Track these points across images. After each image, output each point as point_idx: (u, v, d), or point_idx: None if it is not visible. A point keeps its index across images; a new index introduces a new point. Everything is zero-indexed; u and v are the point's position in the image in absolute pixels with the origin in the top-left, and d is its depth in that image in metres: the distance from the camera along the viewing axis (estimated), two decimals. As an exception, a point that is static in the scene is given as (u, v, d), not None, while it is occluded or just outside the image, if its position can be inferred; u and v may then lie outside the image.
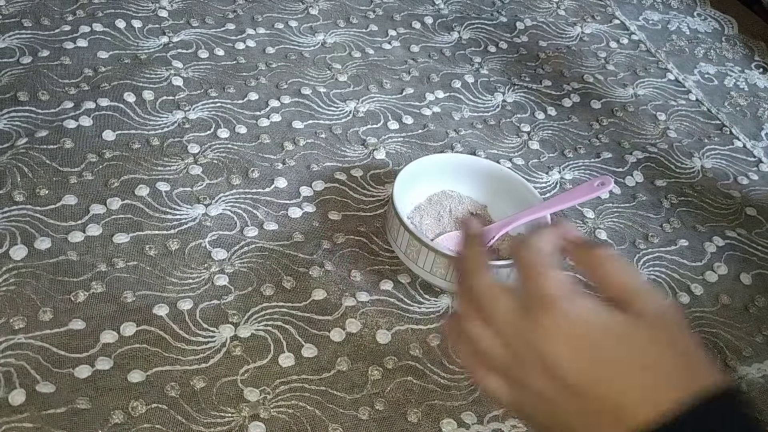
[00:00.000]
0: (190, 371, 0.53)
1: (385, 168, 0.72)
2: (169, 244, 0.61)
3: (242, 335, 0.56)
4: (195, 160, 0.68)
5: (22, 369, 0.51)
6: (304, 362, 0.55)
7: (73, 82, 0.72)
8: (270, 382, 0.53)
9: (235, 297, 0.58)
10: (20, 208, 0.60)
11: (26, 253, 0.57)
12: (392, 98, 0.79)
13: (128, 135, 0.68)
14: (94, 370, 0.52)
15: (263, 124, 0.73)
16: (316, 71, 0.80)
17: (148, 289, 0.57)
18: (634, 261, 0.68)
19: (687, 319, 0.33)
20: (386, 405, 0.54)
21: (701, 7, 1.06)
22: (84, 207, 0.62)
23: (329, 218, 0.66)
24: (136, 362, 0.53)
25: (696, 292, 0.67)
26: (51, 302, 0.55)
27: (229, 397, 0.52)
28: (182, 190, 0.65)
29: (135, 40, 0.78)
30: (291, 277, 0.60)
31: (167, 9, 0.83)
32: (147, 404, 0.51)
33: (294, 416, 0.52)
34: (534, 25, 0.95)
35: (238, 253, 0.61)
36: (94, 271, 0.58)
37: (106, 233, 0.60)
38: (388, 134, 0.75)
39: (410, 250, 0.59)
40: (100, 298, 0.56)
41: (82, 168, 0.65)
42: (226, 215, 0.64)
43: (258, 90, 0.76)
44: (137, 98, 0.72)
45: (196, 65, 0.77)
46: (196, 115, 0.72)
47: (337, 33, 0.86)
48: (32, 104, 0.69)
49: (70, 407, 0.50)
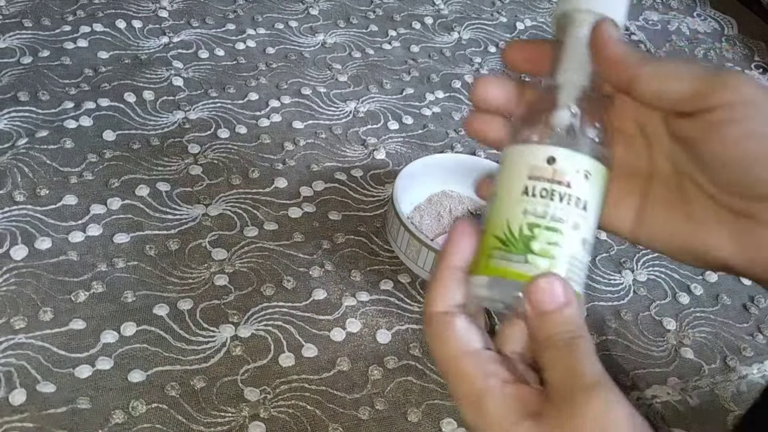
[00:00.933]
0: (191, 371, 0.53)
1: (385, 168, 0.72)
2: (169, 244, 0.61)
3: (242, 335, 0.56)
4: (195, 160, 0.68)
5: (23, 369, 0.51)
6: (305, 362, 0.55)
7: (74, 82, 0.72)
8: (270, 382, 0.53)
9: (236, 297, 0.58)
10: (21, 208, 0.60)
11: (27, 253, 0.58)
12: (392, 98, 0.79)
13: (128, 135, 0.68)
14: (94, 369, 0.52)
15: (263, 124, 0.73)
16: (317, 71, 0.80)
17: (148, 289, 0.57)
18: (633, 261, 0.68)
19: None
20: (386, 405, 0.54)
21: (701, 7, 1.06)
22: (84, 207, 0.62)
23: (329, 218, 0.66)
24: (136, 362, 0.53)
25: (696, 292, 0.67)
26: (51, 302, 0.55)
27: (229, 397, 0.52)
28: (182, 190, 0.65)
29: (135, 41, 0.78)
30: (291, 277, 0.60)
31: (167, 9, 0.83)
32: (147, 404, 0.51)
33: (294, 416, 0.52)
34: (534, 26, 0.95)
35: (238, 253, 0.61)
36: (95, 271, 0.58)
37: (106, 233, 0.60)
38: (388, 134, 0.75)
39: (410, 250, 0.59)
40: (100, 298, 0.56)
41: (83, 168, 0.65)
42: (226, 215, 0.64)
43: (258, 90, 0.76)
44: (137, 98, 0.72)
45: (197, 65, 0.77)
46: (197, 115, 0.72)
47: (337, 33, 0.86)
48: (33, 104, 0.69)
49: (70, 407, 0.50)
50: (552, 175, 0.31)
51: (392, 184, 0.61)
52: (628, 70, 0.31)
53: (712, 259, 0.33)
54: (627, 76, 0.31)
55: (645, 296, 0.65)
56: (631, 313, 0.63)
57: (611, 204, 0.34)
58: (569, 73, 0.33)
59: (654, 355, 0.61)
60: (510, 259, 0.31)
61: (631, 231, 0.35)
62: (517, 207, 0.31)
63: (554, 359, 0.30)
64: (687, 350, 0.62)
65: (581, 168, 0.32)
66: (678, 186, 0.34)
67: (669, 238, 0.34)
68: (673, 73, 0.30)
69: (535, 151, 0.32)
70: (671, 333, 0.63)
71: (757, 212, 0.31)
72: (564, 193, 0.31)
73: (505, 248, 0.31)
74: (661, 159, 0.34)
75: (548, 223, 0.31)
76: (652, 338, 0.62)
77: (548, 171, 0.31)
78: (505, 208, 0.32)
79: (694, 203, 0.33)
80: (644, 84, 0.31)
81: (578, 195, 0.31)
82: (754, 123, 0.29)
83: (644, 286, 0.66)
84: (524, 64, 0.35)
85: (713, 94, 0.29)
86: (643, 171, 0.35)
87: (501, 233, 0.31)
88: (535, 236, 0.31)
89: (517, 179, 0.32)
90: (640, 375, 0.59)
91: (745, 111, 0.29)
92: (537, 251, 0.31)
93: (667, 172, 0.34)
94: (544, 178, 0.31)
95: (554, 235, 0.31)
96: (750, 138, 0.29)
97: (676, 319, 0.64)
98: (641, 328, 0.63)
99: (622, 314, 0.63)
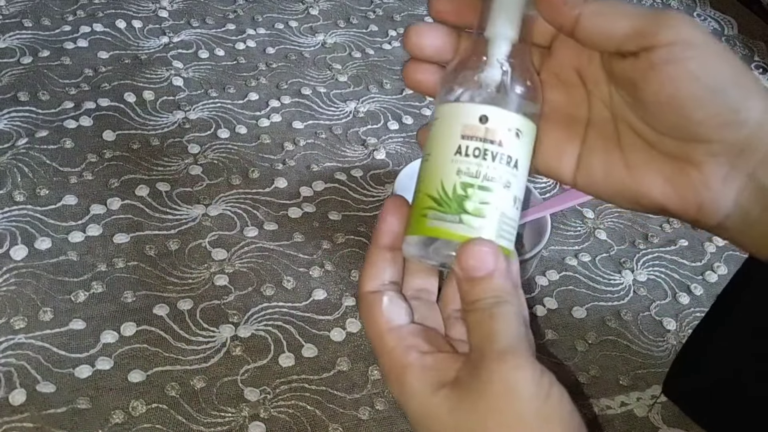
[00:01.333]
0: (191, 371, 0.53)
1: (385, 168, 0.72)
2: (169, 244, 0.61)
3: (242, 335, 0.56)
4: (195, 160, 0.68)
5: (23, 369, 0.51)
6: (305, 362, 0.55)
7: (74, 82, 0.72)
8: (270, 382, 0.53)
9: (235, 297, 0.58)
10: (20, 208, 0.60)
11: (26, 253, 0.58)
12: (392, 98, 0.79)
13: (128, 135, 0.68)
14: (94, 370, 0.52)
15: (263, 124, 0.73)
16: (317, 71, 0.80)
17: (148, 289, 0.57)
18: (633, 261, 0.68)
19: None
20: (387, 405, 0.54)
21: (701, 7, 1.06)
22: (84, 207, 0.62)
23: (329, 218, 0.66)
24: (136, 362, 0.53)
25: (696, 293, 0.67)
26: (51, 302, 0.55)
27: (229, 397, 0.52)
28: (182, 190, 0.65)
29: (135, 41, 0.78)
30: (291, 277, 0.60)
31: (167, 9, 0.83)
32: (147, 404, 0.51)
33: (294, 416, 0.52)
34: (534, 26, 0.95)
35: (238, 253, 0.61)
36: (95, 271, 0.58)
37: (106, 233, 0.60)
38: (388, 134, 0.75)
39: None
40: (100, 298, 0.56)
41: (83, 168, 0.65)
42: (226, 215, 0.64)
43: (258, 90, 0.76)
44: (137, 98, 0.72)
45: (197, 65, 0.77)
46: (197, 116, 0.72)
47: (337, 33, 0.86)
48: (32, 104, 0.69)
49: (70, 407, 0.50)
50: (484, 134, 0.32)
51: (392, 185, 0.61)
52: (573, 10, 0.31)
53: (648, 202, 0.34)
54: (571, 16, 0.31)
55: (645, 296, 0.65)
56: (631, 313, 0.63)
57: (553, 151, 0.35)
58: (498, 26, 0.33)
59: (654, 355, 0.61)
60: (444, 219, 0.32)
61: (572, 177, 0.36)
62: (450, 166, 0.32)
63: (475, 323, 0.31)
64: (687, 350, 0.62)
65: (512, 126, 0.32)
66: (614, 132, 0.34)
67: (606, 183, 0.35)
68: (616, 11, 0.31)
69: (467, 110, 0.32)
70: (671, 333, 0.63)
71: (690, 153, 0.32)
72: (496, 152, 0.32)
73: (440, 208, 0.32)
74: (600, 106, 0.35)
75: (481, 182, 0.32)
76: (652, 338, 0.62)
77: (481, 130, 0.32)
78: (439, 168, 0.32)
79: (629, 148, 0.34)
80: (587, 21, 0.31)
81: (509, 153, 0.32)
82: (692, 63, 0.30)
83: (644, 286, 0.66)
84: (452, 16, 0.35)
85: (656, 33, 0.30)
86: (582, 118, 0.35)
87: (435, 193, 0.32)
88: (469, 196, 0.32)
89: (450, 138, 0.32)
90: (641, 375, 0.59)
91: (685, 51, 0.30)
92: (470, 211, 0.32)
93: (605, 118, 0.35)
94: (477, 137, 0.32)
95: (487, 195, 0.32)
96: (686, 79, 0.30)
97: (676, 319, 0.64)
98: (641, 328, 0.63)
99: (622, 314, 0.63)
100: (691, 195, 0.32)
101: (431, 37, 0.35)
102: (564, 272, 0.66)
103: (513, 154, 0.32)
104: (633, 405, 0.57)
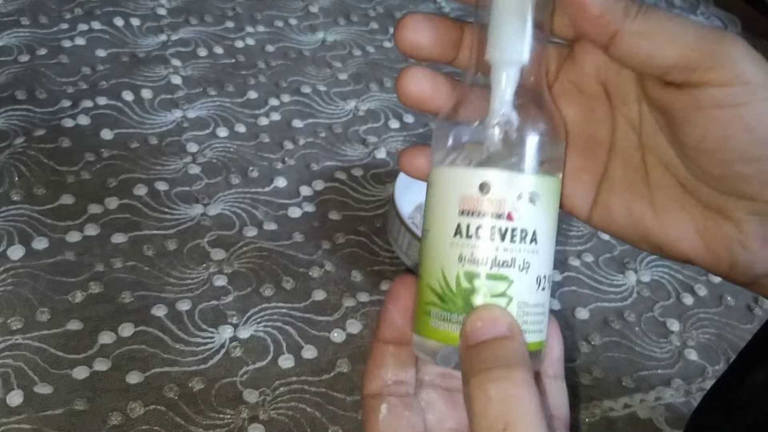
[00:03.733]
0: (189, 372, 0.53)
1: (386, 167, 0.71)
2: (167, 244, 0.60)
3: (241, 336, 0.55)
4: (194, 159, 0.67)
5: (20, 370, 0.50)
6: (304, 363, 0.55)
7: (71, 80, 0.72)
8: (269, 384, 0.53)
9: (234, 297, 0.58)
10: (17, 207, 0.60)
11: (23, 253, 0.57)
12: (393, 97, 0.78)
13: (126, 134, 0.68)
14: (92, 371, 0.51)
15: (262, 122, 0.72)
16: (316, 69, 0.80)
17: (146, 290, 0.57)
18: (636, 261, 0.67)
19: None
20: (387, 407, 0.53)
21: (704, 5, 1.05)
22: (82, 206, 0.61)
23: (329, 218, 0.65)
24: (134, 363, 0.52)
25: (700, 293, 0.66)
26: (48, 302, 0.55)
27: (228, 399, 0.52)
28: (181, 190, 0.64)
29: (133, 39, 0.78)
30: (291, 278, 0.60)
31: (166, 7, 0.82)
32: (145, 406, 0.50)
33: (294, 418, 0.51)
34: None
35: (237, 253, 0.61)
36: (92, 271, 0.57)
37: (103, 233, 0.60)
38: (389, 133, 0.74)
39: (411, 251, 0.58)
40: (97, 299, 0.56)
41: (80, 167, 0.64)
42: (225, 215, 0.63)
43: (257, 88, 0.75)
44: (135, 97, 0.71)
45: (195, 63, 0.76)
46: (195, 114, 0.71)
47: (337, 31, 0.85)
48: (30, 103, 0.68)
49: (67, 408, 0.49)
50: (487, 208, 0.25)
51: (393, 184, 0.61)
52: (610, 24, 0.25)
53: (673, 252, 0.29)
54: (608, 32, 0.25)
55: (648, 297, 0.65)
56: (634, 314, 0.63)
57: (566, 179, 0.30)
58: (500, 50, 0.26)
59: (657, 357, 0.60)
60: (449, 319, 0.26)
61: (587, 214, 0.31)
62: (450, 252, 0.26)
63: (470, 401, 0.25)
64: (691, 351, 0.61)
65: (525, 191, 0.25)
66: (641, 163, 0.29)
67: (627, 224, 0.30)
68: (664, 34, 0.25)
69: (464, 177, 0.25)
70: (675, 334, 0.62)
71: (729, 208, 0.27)
72: (505, 229, 0.25)
73: (443, 305, 0.26)
74: (626, 128, 0.29)
75: (489, 270, 0.25)
76: (656, 339, 0.62)
77: (482, 202, 0.25)
78: (438, 252, 0.26)
79: (658, 187, 0.29)
80: (626, 43, 0.25)
81: (523, 227, 0.25)
82: (746, 111, 0.25)
83: (647, 287, 0.65)
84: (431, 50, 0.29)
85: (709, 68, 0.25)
86: (604, 141, 0.30)
87: (437, 285, 0.26)
88: (476, 289, 0.25)
89: (447, 214, 0.26)
90: (644, 376, 0.59)
91: (740, 96, 0.25)
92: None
93: (631, 144, 0.29)
94: (478, 212, 0.25)
95: (499, 284, 0.25)
96: (738, 128, 0.25)
97: (679, 321, 0.63)
98: (644, 330, 0.62)
99: (626, 315, 0.63)
100: (724, 253, 0.28)
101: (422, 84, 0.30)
102: (567, 273, 0.65)
103: (528, 226, 0.25)
104: (636, 407, 0.57)
